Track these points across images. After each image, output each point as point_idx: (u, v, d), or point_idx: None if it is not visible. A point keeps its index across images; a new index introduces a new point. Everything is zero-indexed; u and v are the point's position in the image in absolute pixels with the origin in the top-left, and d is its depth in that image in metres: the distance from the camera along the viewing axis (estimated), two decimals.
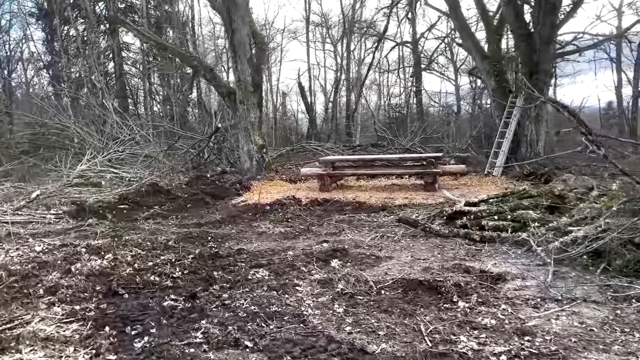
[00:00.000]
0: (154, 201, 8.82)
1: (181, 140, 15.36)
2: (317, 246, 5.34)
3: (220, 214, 7.77)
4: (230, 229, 6.69)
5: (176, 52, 11.80)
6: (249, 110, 11.34)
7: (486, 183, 10.17)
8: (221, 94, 11.90)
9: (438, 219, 6.25)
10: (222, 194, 9.78)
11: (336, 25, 26.22)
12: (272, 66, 26.61)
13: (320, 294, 3.79)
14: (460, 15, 11.79)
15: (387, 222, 6.61)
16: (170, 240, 5.76)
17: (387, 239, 5.71)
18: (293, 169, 13.46)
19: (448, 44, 25.75)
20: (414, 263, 4.63)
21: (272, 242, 5.73)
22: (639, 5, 18.56)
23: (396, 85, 27.98)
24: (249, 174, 11.42)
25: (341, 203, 8.28)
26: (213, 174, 12.09)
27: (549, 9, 9.81)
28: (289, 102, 28.20)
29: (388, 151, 16.40)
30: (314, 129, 21.54)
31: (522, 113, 10.69)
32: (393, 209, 7.62)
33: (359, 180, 11.28)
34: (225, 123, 13.74)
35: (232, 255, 5.03)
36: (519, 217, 5.48)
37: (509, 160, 10.79)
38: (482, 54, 11.48)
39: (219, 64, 23.19)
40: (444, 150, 16.76)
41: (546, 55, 10.15)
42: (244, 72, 11.16)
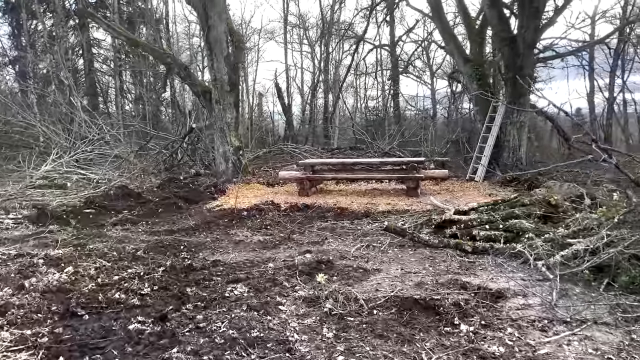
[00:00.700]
0: (123, 205, 8.30)
1: (153, 141, 14.76)
2: (300, 257, 4.96)
3: (194, 220, 7.31)
4: (205, 236, 6.25)
5: (149, 48, 11.26)
6: (225, 110, 10.88)
7: (468, 189, 9.95)
8: (196, 93, 11.40)
9: (426, 227, 5.96)
10: (196, 197, 9.29)
11: (314, 27, 25.94)
12: (248, 66, 26.12)
13: (306, 315, 3.42)
14: (443, 17, 11.61)
15: (371, 230, 6.28)
16: (139, 250, 5.31)
17: (373, 248, 5.37)
18: (270, 171, 13.05)
19: (425, 48, 25.77)
20: (405, 277, 4.30)
21: (251, 252, 5.33)
22: (614, 14, 18.82)
23: (374, 88, 27.85)
24: (225, 176, 10.96)
25: (322, 209, 7.91)
26: (187, 176, 11.58)
27: (533, 13, 9.69)
28: (265, 103, 27.73)
29: (367, 154, 16.14)
30: (291, 131, 21.14)
31: (505, 118, 10.54)
32: (376, 215, 7.30)
33: (338, 184, 10.95)
34: (200, 123, 13.22)
35: (207, 268, 4.61)
36: (511, 226, 5.22)
37: (492, 165, 10.62)
38: (464, 57, 11.31)
39: (194, 63, 22.58)
40: (422, 154, 16.65)
41: (529, 59, 10.03)
42: (221, 70, 10.70)
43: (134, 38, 11.27)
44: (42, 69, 20.84)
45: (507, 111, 10.49)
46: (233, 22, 12.28)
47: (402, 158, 10.81)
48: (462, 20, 12.47)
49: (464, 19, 12.09)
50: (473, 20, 12.19)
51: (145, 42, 11.64)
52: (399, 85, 25.13)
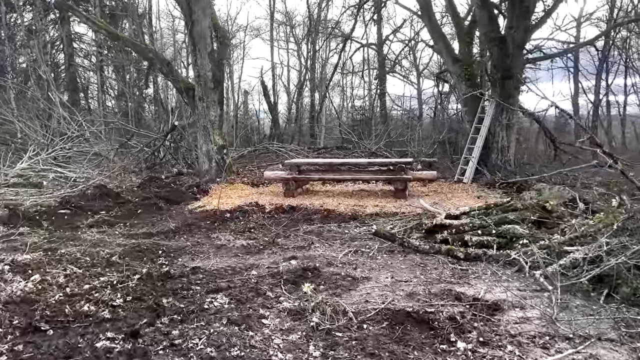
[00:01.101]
0: (101, 205, 7.94)
1: (135, 138, 14.35)
2: (285, 263, 4.71)
3: (174, 222, 7.01)
4: (185, 240, 5.96)
5: (130, 42, 10.88)
6: (209, 108, 10.56)
7: (457, 190, 9.79)
8: (179, 89, 11.06)
9: (416, 232, 5.75)
10: (178, 198, 8.97)
11: (300, 24, 25.66)
12: (234, 64, 25.72)
13: (291, 330, 3.17)
14: (432, 16, 11.44)
15: (359, 235, 6.05)
16: (115, 255, 5.00)
17: (361, 254, 5.14)
18: (255, 171, 12.75)
19: (411, 48, 25.66)
20: (396, 286, 4.08)
21: (233, 258, 5.06)
22: (599, 16, 18.87)
23: (360, 87, 27.68)
24: (208, 176, 10.64)
25: (308, 211, 7.66)
26: (168, 175, 11.23)
27: (523, 13, 9.56)
28: (251, 101, 27.35)
29: (353, 154, 15.93)
30: (277, 130, 20.82)
31: (494, 119, 10.40)
32: (364, 218, 7.08)
33: (325, 184, 10.71)
34: (183, 121, 12.86)
35: (186, 276, 4.33)
36: (504, 232, 5.03)
37: (480, 167, 10.48)
38: (453, 56, 11.15)
39: (178, 59, 22.14)
40: (409, 154, 16.50)
41: (518, 60, 9.91)
42: (204, 66, 10.37)
43: (115, 32, 10.88)
44: (21, 63, 20.23)
45: (495, 112, 10.35)
46: (218, 18, 11.94)
47: (390, 159, 10.61)
48: (451, 20, 12.33)
49: (453, 19, 11.94)
50: (462, 19, 12.04)
51: (126, 37, 11.24)
52: (386, 85, 25.02)
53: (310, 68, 21.92)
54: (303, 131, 22.94)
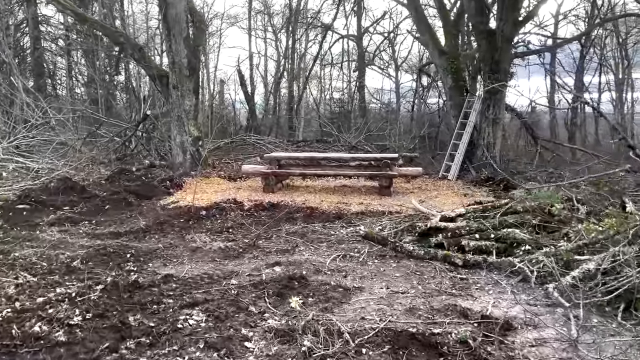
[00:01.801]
0: (64, 200, 7.32)
1: (105, 128, 13.58)
2: (268, 270, 4.27)
3: (145, 220, 6.46)
4: (157, 241, 5.44)
5: (99, 25, 10.15)
6: (184, 97, 9.95)
7: (442, 187, 9.48)
8: (151, 76, 10.41)
9: (407, 234, 5.37)
10: (149, 192, 8.39)
11: (279, 13, 25.00)
12: (209, 52, 24.91)
13: (279, 356, 2.74)
14: (418, 6, 11.05)
15: (347, 236, 5.64)
16: (76, 260, 4.48)
17: (351, 259, 4.74)
18: (232, 164, 12.20)
19: (391, 41, 25.34)
20: (393, 298, 3.69)
21: (210, 264, 4.58)
22: (576, 14, 18.78)
23: (339, 79, 27.24)
24: (182, 169, 10.06)
25: (290, 208, 7.21)
26: (139, 168, 10.58)
27: (512, 4, 9.26)
28: (227, 91, 26.58)
29: (334, 148, 15.52)
30: (254, 121, 20.21)
31: (480, 114, 10.12)
32: (350, 217, 6.67)
33: (305, 179, 10.25)
34: (156, 110, 12.20)
35: (157, 285, 3.85)
36: (504, 236, 4.70)
37: (465, 164, 10.20)
38: (439, 49, 10.79)
39: (152, 46, 21.25)
40: (390, 148, 16.17)
41: (507, 54, 9.62)
42: (179, 53, 9.75)
43: (82, 13, 10.14)
44: None
45: (482, 107, 10.06)
46: (194, 2, 11.30)
47: (375, 154, 10.23)
48: (438, 11, 11.97)
49: (440, 10, 11.58)
50: (448, 11, 11.69)
51: (94, 19, 10.51)
52: (365, 78, 24.66)
53: (290, 58, 21.33)
54: (281, 123, 22.39)
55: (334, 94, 27.29)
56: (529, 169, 10.93)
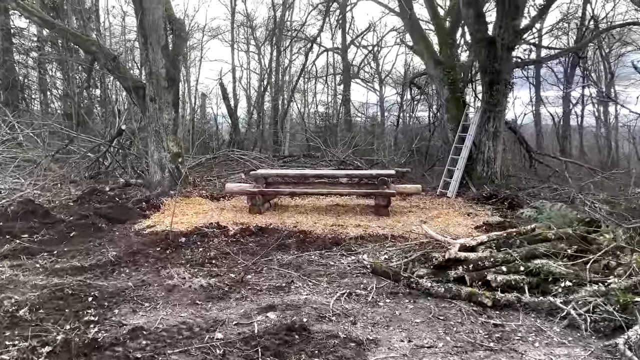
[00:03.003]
0: (23, 227, 6.44)
1: (78, 144, 12.67)
2: (260, 317, 3.51)
3: (115, 249, 5.63)
4: (127, 277, 4.63)
5: (70, 33, 9.32)
6: (162, 110, 9.16)
7: (442, 206, 8.82)
8: (127, 88, 9.59)
9: (420, 265, 4.65)
10: (123, 215, 7.55)
11: (262, 26, 24.43)
12: (191, 65, 24.15)
13: None
14: (412, 15, 10.49)
15: (348, 268, 4.91)
16: (24, 307, 3.65)
17: (357, 299, 4.00)
18: (215, 181, 11.40)
19: (375, 54, 24.98)
20: (418, 355, 2.96)
21: (190, 308, 3.79)
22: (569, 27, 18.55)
23: (323, 92, 26.74)
24: (160, 188, 9.23)
25: (280, 233, 6.45)
26: (113, 187, 9.71)
27: (512, 12, 8.74)
28: (208, 104, 25.78)
29: (322, 163, 14.84)
30: (237, 136, 19.44)
31: (479, 128, 9.54)
32: (349, 244, 5.94)
33: (294, 198, 9.53)
34: (132, 124, 11.36)
35: (122, 343, 3.06)
36: (535, 269, 4.02)
37: (464, 180, 9.59)
38: (435, 59, 10.23)
39: (130, 59, 20.40)
40: (380, 163, 15.56)
41: (507, 63, 9.09)
42: (157, 62, 8.99)
43: (50, 20, 9.32)
44: None
45: (482, 120, 9.49)
46: (173, 10, 10.56)
47: (370, 171, 9.55)
48: (431, 20, 11.44)
49: (434, 19, 11.05)
50: (442, 19, 11.17)
51: (63, 25, 9.69)
52: (350, 91, 24.20)
53: (274, 71, 20.69)
54: (265, 137, 21.66)
55: (318, 107, 26.77)
56: (530, 184, 10.36)
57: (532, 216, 7.35)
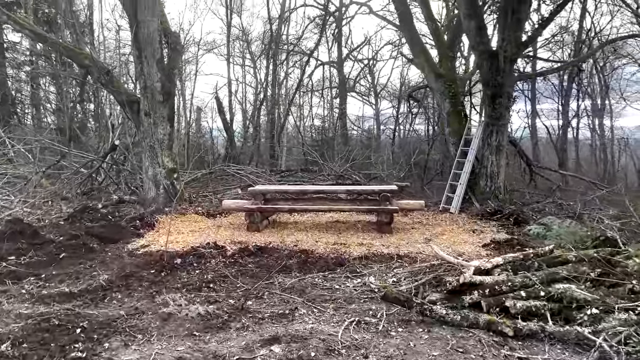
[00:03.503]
0: (10, 249, 6.13)
1: (71, 159, 12.37)
2: (264, 352, 3.23)
3: (107, 272, 5.33)
4: (119, 304, 4.33)
5: (62, 46, 9.08)
6: (157, 125, 8.91)
7: (445, 222, 8.58)
8: (121, 102, 9.35)
9: (431, 289, 4.38)
10: (115, 234, 7.24)
11: (257, 40, 24.35)
12: (186, 79, 23.99)
13: None
14: (412, 28, 10.33)
15: (355, 292, 4.62)
16: (7, 340, 3.35)
17: (367, 328, 3.72)
18: (211, 197, 11.11)
19: (370, 68, 24.96)
20: None
21: (187, 340, 3.50)
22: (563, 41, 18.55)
23: (319, 106, 26.66)
24: (154, 205, 8.94)
25: (281, 253, 6.17)
26: (106, 204, 9.40)
27: (514, 24, 8.59)
28: (204, 118, 25.57)
29: (320, 177, 14.60)
30: (233, 150, 19.19)
31: (482, 142, 9.34)
32: (353, 264, 5.66)
33: (292, 213, 9.26)
34: (126, 139, 11.10)
35: None
36: (557, 294, 3.76)
37: (467, 195, 9.36)
38: (436, 72, 10.05)
39: (125, 74, 20.19)
40: (378, 177, 15.34)
41: (510, 76, 8.92)
42: (152, 76, 8.75)
43: (41, 33, 9.10)
44: None
45: (484, 134, 9.29)
46: (168, 23, 10.36)
47: (372, 186, 9.28)
48: (431, 33, 11.30)
49: (433, 31, 10.91)
50: (442, 32, 11.03)
51: (55, 39, 9.46)
52: (346, 105, 24.12)
53: (270, 84, 20.52)
54: (261, 151, 21.43)
55: (314, 120, 26.64)
56: (534, 199, 10.15)
57: (540, 233, 7.14)
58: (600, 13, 16.49)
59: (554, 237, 6.76)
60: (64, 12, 13.97)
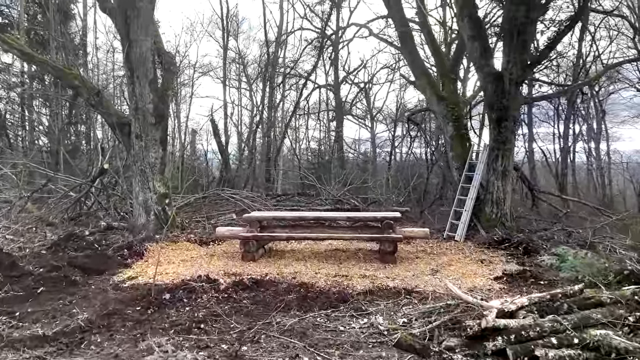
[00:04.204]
0: None
1: (59, 183, 11.92)
2: None
3: (88, 310, 4.85)
4: (97, 351, 3.85)
5: (50, 66, 8.73)
6: (148, 148, 8.51)
7: (450, 251, 8.14)
8: (111, 125, 8.95)
9: (448, 333, 3.93)
10: (101, 265, 6.77)
11: (253, 63, 24.24)
12: (181, 102, 23.74)
13: None
14: (413, 49, 10.08)
15: (362, 334, 4.16)
16: None
17: None
18: (204, 223, 10.64)
19: (366, 92, 24.85)
20: None
21: None
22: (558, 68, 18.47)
23: (315, 129, 26.44)
24: (144, 232, 8.48)
25: (278, 287, 5.70)
26: (94, 231, 8.93)
27: (520, 45, 8.33)
28: (199, 141, 25.24)
29: (316, 201, 14.19)
30: (228, 173, 18.78)
31: (487, 166, 8.99)
32: (358, 300, 5.20)
33: (289, 241, 8.80)
34: (117, 163, 10.68)
35: None
36: (592, 342, 3.33)
37: (472, 222, 8.97)
38: (438, 95, 9.76)
39: (119, 95, 19.89)
40: (377, 202, 14.96)
41: (516, 99, 8.63)
42: (144, 97, 8.39)
43: (30, 52, 8.74)
44: None
45: (489, 158, 8.95)
46: (163, 43, 10.06)
47: (374, 213, 8.87)
48: (432, 55, 11.07)
49: (434, 53, 10.67)
50: (443, 54, 10.79)
51: (43, 58, 9.10)
52: (343, 127, 23.92)
53: (267, 107, 20.25)
54: (256, 174, 21.03)
55: (310, 143, 26.39)
56: (541, 226, 9.75)
57: (554, 264, 6.73)
58: (598, 37, 16.35)
59: (568, 269, 6.35)
60: (55, 33, 13.65)
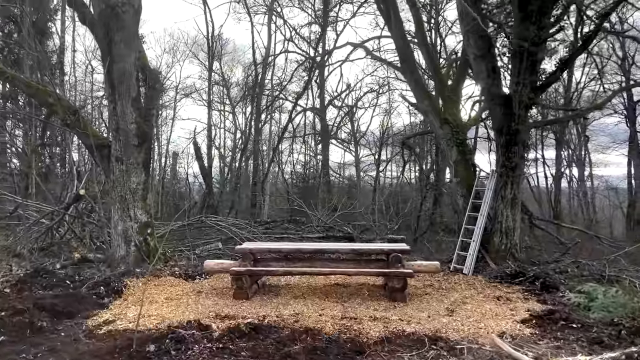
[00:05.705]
0: None
1: (28, 210, 10.96)
2: None
3: None
4: None
5: (22, 82, 7.91)
6: (130, 173, 7.73)
7: (460, 286, 7.46)
8: (88, 147, 8.14)
9: None
10: (73, 306, 5.90)
11: (237, 85, 23.71)
12: (162, 124, 22.96)
13: None
14: (415, 70, 9.59)
15: None
16: None
17: None
18: (189, 253, 9.79)
19: (350, 116, 24.55)
20: None
21: None
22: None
23: (300, 152, 25.93)
24: (124, 266, 7.62)
25: (280, 334, 4.94)
26: (65, 263, 8.03)
27: (530, 67, 7.90)
28: (180, 165, 24.39)
29: (307, 228, 13.47)
30: (212, 199, 17.95)
31: (495, 194, 8.44)
32: (376, 352, 4.47)
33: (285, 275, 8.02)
34: (94, 188, 9.82)
35: None
36: None
37: (480, 254, 8.37)
38: (441, 117, 9.25)
39: (98, 117, 19.03)
40: (370, 229, 14.33)
41: (525, 123, 8.15)
42: (126, 117, 7.64)
43: (1, 67, 7.95)
44: None
45: (497, 185, 8.41)
46: (147, 59, 9.36)
47: (382, 245, 8.18)
48: (433, 75, 10.61)
49: (435, 74, 10.20)
50: (444, 75, 10.34)
51: (15, 73, 8.28)
52: (329, 151, 23.46)
53: (252, 130, 19.61)
54: (241, 199, 20.23)
55: (295, 167, 25.82)
56: (552, 257, 9.19)
57: (582, 303, 6.12)
58: (589, 65, 16.31)
59: (599, 309, 5.74)
60: (30, 50, 12.84)
